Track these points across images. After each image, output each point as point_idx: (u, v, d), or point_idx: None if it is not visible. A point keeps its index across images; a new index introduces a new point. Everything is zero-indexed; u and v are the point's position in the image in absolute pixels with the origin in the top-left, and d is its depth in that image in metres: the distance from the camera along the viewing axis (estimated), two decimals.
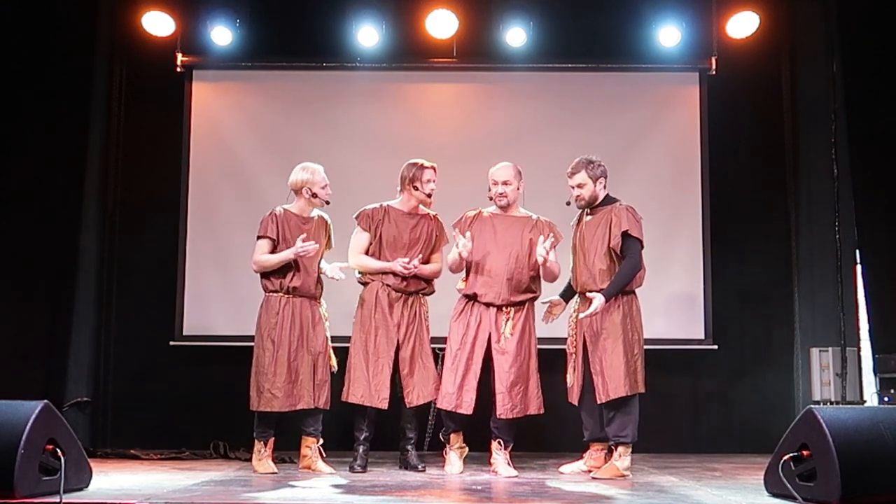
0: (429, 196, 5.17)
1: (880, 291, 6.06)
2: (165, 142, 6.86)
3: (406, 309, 5.15)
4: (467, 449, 5.19)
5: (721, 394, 6.79)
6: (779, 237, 6.90)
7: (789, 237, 6.88)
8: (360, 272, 5.23)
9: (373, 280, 5.17)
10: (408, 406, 5.12)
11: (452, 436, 5.14)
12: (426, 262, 5.20)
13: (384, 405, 5.05)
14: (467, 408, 4.98)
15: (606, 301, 4.79)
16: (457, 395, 4.98)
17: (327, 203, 5.17)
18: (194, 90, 6.89)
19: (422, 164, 5.17)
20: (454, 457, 5.11)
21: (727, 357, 6.75)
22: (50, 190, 6.32)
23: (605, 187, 5.03)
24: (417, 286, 5.18)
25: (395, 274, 5.09)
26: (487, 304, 5.05)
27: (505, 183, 5.08)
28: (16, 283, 6.24)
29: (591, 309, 4.77)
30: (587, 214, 5.07)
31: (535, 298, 5.14)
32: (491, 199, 5.13)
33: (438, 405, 5.08)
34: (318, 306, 5.19)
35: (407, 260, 5.06)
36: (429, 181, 5.16)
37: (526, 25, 6.57)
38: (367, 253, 5.20)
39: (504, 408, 4.95)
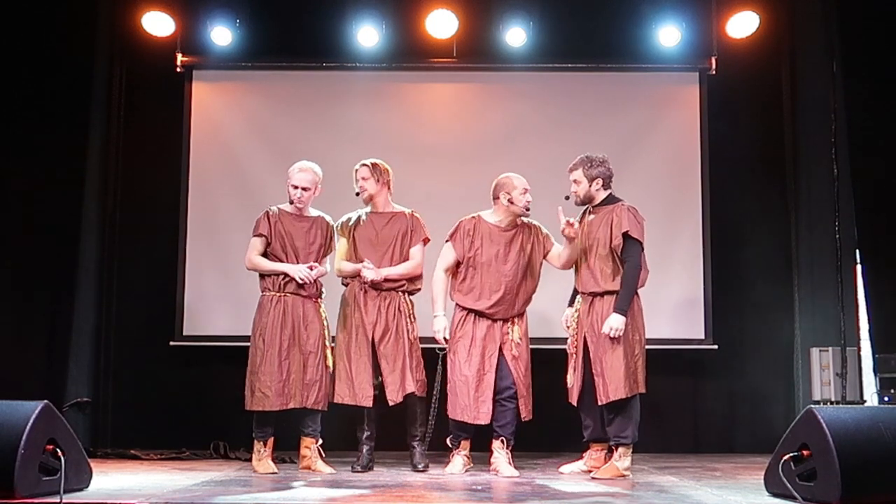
0: (357, 195, 5.26)
1: (880, 291, 6.06)
2: (165, 142, 6.86)
3: (383, 306, 5.15)
4: (472, 463, 5.17)
5: (721, 394, 6.79)
6: (779, 237, 6.90)
7: (789, 237, 6.88)
8: (341, 277, 5.30)
9: (352, 282, 5.22)
10: (389, 405, 5.11)
11: (463, 442, 5.15)
12: (404, 259, 5.22)
13: (368, 403, 5.07)
14: (485, 418, 4.99)
15: (624, 315, 4.78)
16: (474, 407, 4.97)
17: (299, 209, 5.18)
18: (194, 90, 6.89)
19: (355, 168, 5.27)
20: (458, 459, 5.12)
21: (727, 357, 6.75)
22: (50, 190, 6.32)
23: (604, 187, 5.03)
24: (393, 284, 5.18)
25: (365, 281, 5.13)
26: (494, 319, 5.07)
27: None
28: (16, 283, 6.24)
29: (614, 332, 4.77)
30: (589, 213, 5.07)
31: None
32: (526, 208, 5.06)
33: (453, 416, 5.04)
34: (316, 305, 5.19)
35: (370, 263, 5.08)
36: (358, 181, 5.26)
37: (526, 25, 6.57)
38: (346, 258, 5.27)
39: (527, 409, 5.03)
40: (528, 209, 5.08)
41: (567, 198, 5.07)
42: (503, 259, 5.05)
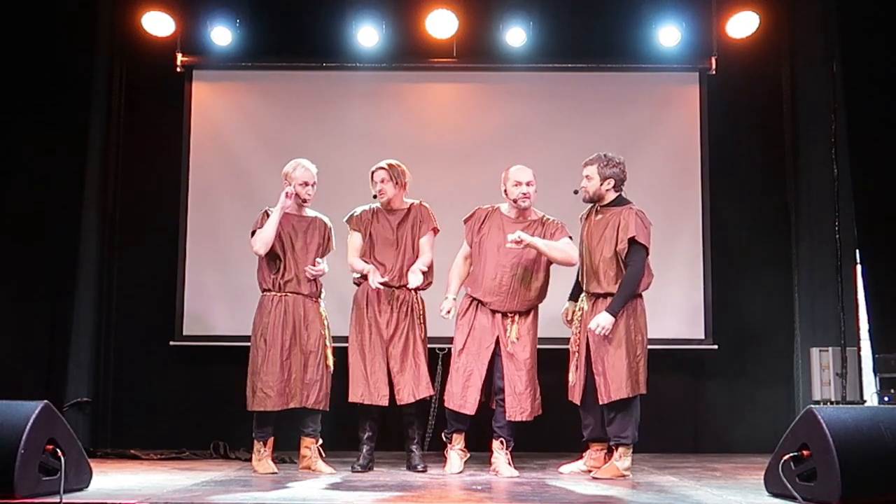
0: (374, 197, 5.26)
1: (880, 291, 6.06)
2: (165, 142, 6.85)
3: (396, 305, 5.16)
4: (469, 454, 5.18)
5: (721, 394, 6.79)
6: (779, 237, 6.90)
7: (789, 237, 6.88)
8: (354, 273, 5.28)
9: (364, 280, 5.21)
10: (398, 404, 5.11)
11: (455, 436, 5.14)
12: (413, 254, 5.22)
13: (384, 402, 5.07)
14: (471, 408, 5.00)
15: (614, 316, 4.78)
16: (461, 395, 4.99)
17: (304, 202, 5.18)
18: (194, 90, 6.89)
19: (373, 169, 5.26)
20: (455, 456, 5.11)
21: (727, 357, 6.75)
22: (50, 190, 6.32)
23: (615, 189, 4.99)
24: (406, 280, 5.19)
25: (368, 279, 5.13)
26: (493, 311, 5.06)
27: (528, 184, 5.06)
28: (16, 283, 6.24)
29: (600, 329, 4.77)
30: (596, 213, 5.04)
31: (539, 302, 5.15)
32: (514, 200, 5.06)
33: (445, 404, 5.09)
34: (316, 305, 5.19)
35: (376, 271, 5.10)
36: (376, 182, 5.23)
37: (526, 25, 6.57)
38: (360, 253, 5.25)
39: (513, 410, 4.97)
40: (517, 202, 5.04)
41: (576, 192, 5.05)
42: (505, 250, 5.02)
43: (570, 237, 5.10)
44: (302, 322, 5.11)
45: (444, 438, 5.20)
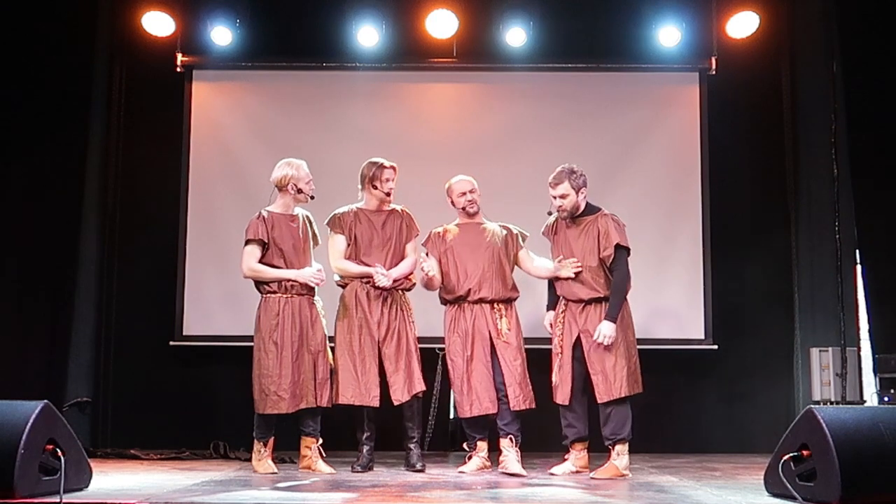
0: (387, 195, 5.24)
1: (880, 291, 6.06)
2: (165, 142, 6.85)
3: (386, 306, 5.15)
4: (491, 466, 5.17)
5: (721, 394, 6.79)
6: (779, 237, 6.90)
7: (789, 237, 6.88)
8: (340, 276, 5.25)
9: (351, 281, 5.20)
10: (394, 404, 5.11)
11: (479, 444, 5.19)
12: (401, 255, 5.24)
13: (376, 403, 5.06)
14: (492, 407, 5.03)
15: (615, 322, 4.83)
16: (481, 399, 5.01)
17: (312, 198, 5.18)
18: (194, 90, 6.89)
19: (381, 164, 5.22)
20: (476, 460, 5.15)
21: (727, 357, 6.75)
22: (50, 190, 6.32)
23: (585, 196, 5.02)
24: (396, 283, 5.18)
25: (373, 284, 5.12)
26: (479, 302, 5.08)
27: (472, 191, 5.19)
28: (16, 283, 6.24)
29: (606, 339, 4.81)
30: (568, 226, 5.06)
31: (516, 298, 5.21)
32: (462, 208, 5.20)
33: (464, 415, 5.09)
34: (314, 303, 5.19)
35: (382, 268, 5.09)
36: (388, 180, 5.22)
37: (526, 25, 6.57)
38: (345, 256, 5.23)
39: (517, 399, 5.00)
40: (465, 209, 5.20)
41: (550, 213, 5.08)
42: (475, 246, 5.13)
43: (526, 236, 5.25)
44: (308, 322, 5.11)
45: (468, 448, 5.23)
